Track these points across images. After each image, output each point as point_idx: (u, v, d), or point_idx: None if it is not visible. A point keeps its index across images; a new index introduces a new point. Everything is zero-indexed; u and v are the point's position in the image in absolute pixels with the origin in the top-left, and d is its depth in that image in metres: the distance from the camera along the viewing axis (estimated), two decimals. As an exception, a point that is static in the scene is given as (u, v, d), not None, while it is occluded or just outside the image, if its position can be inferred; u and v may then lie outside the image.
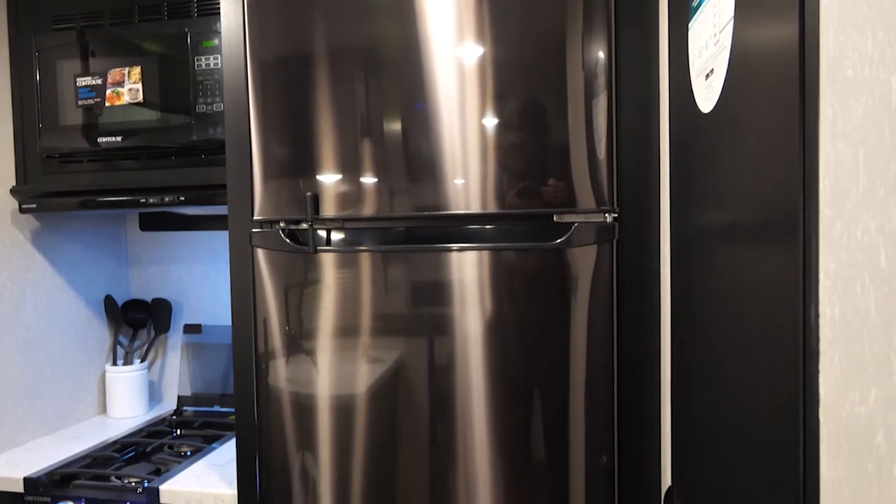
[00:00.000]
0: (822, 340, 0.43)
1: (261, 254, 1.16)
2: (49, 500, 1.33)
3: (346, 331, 1.14)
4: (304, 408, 1.18)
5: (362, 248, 1.11)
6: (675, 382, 0.92)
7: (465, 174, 1.07)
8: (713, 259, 0.70)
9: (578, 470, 1.08)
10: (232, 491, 1.26)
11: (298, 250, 1.13)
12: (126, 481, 1.35)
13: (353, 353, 1.14)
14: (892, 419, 0.36)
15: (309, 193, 1.10)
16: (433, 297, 1.10)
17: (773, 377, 0.52)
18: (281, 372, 1.18)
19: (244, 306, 1.20)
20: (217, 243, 1.87)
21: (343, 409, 1.16)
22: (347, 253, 1.12)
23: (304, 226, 1.14)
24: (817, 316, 0.43)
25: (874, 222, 0.37)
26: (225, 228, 1.85)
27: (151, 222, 1.89)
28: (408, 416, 1.13)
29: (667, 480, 1.00)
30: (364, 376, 1.15)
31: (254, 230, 1.16)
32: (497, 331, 1.08)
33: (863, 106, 0.38)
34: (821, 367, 0.44)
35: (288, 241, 1.14)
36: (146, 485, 1.30)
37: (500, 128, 1.05)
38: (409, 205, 1.09)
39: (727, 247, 0.65)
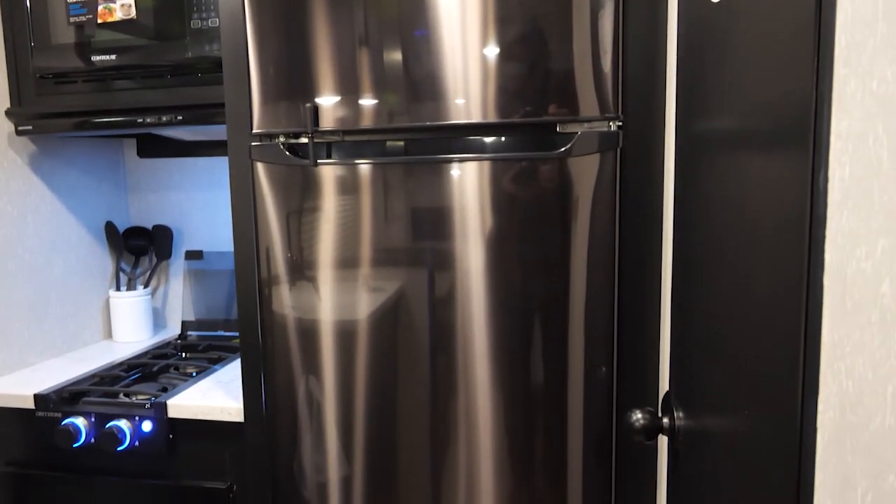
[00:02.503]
0: (830, 205, 0.43)
1: (261, 169, 1.15)
2: (59, 415, 1.36)
3: (349, 243, 1.14)
4: (308, 332, 1.19)
5: (363, 160, 1.10)
6: (675, 289, 0.92)
7: (466, 83, 1.04)
8: (720, 160, 0.69)
9: (577, 382, 1.10)
10: (238, 405, 1.28)
11: (298, 163, 1.12)
12: (134, 398, 1.38)
13: (355, 269, 1.15)
14: (899, 268, 0.36)
15: (308, 104, 1.08)
16: (434, 213, 1.10)
17: (778, 259, 0.51)
18: (284, 295, 1.19)
19: (245, 225, 1.20)
20: (216, 170, 1.85)
21: (346, 335, 1.17)
22: (348, 166, 1.11)
23: (304, 139, 1.13)
24: (826, 180, 0.43)
25: (891, 68, 0.36)
26: (224, 154, 1.83)
27: (149, 148, 1.87)
28: (409, 330, 1.14)
29: (664, 387, 1.01)
30: (368, 284, 1.15)
31: (253, 144, 1.14)
32: (498, 245, 1.08)
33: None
34: (827, 232, 0.43)
35: (288, 153, 1.13)
36: (154, 400, 1.33)
37: (503, 35, 1.02)
38: (409, 115, 1.07)
39: (735, 142, 0.64)
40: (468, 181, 1.07)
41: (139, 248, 1.87)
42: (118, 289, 1.81)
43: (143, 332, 1.81)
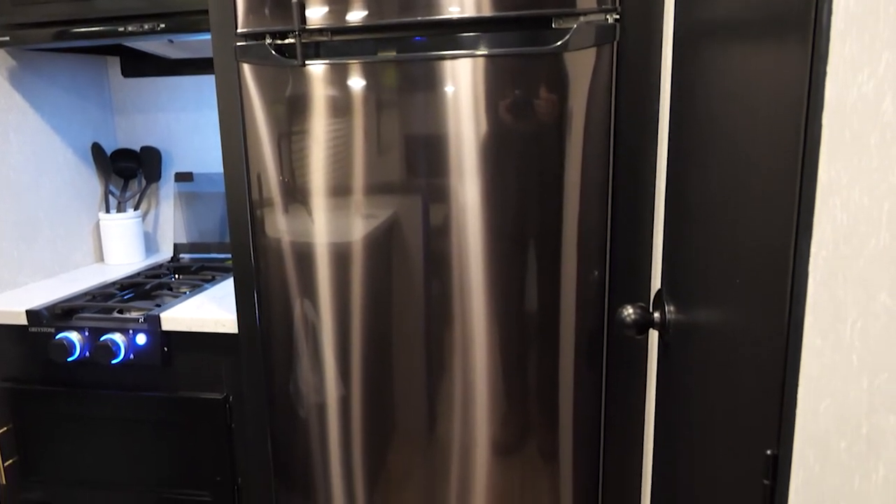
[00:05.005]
0: (833, 37, 0.41)
1: (248, 73, 1.12)
2: (52, 330, 1.36)
3: (340, 151, 1.12)
4: (302, 255, 1.18)
5: (352, 59, 1.07)
6: (671, 184, 0.91)
7: (459, -22, 1.00)
8: (719, 46, 0.67)
9: (570, 286, 1.10)
10: (231, 316, 1.29)
11: (286, 64, 1.09)
12: (128, 313, 1.38)
13: (349, 180, 1.13)
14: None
15: (295, 0, 1.04)
16: (427, 115, 1.07)
17: (774, 126, 0.50)
18: (277, 217, 1.17)
19: (234, 139, 1.17)
20: (204, 89, 1.81)
21: (340, 257, 1.16)
22: (338, 71, 1.08)
23: (292, 39, 1.09)
24: (830, 13, 0.41)
25: None
26: (210, 72, 1.78)
27: (133, 67, 1.82)
28: (405, 244, 1.14)
29: (657, 285, 1.01)
30: (362, 190, 1.14)
31: (239, 44, 1.11)
32: (493, 148, 1.06)
33: None
34: (829, 68, 0.42)
35: (274, 53, 1.09)
36: (147, 313, 1.33)
37: (497, -75, 0.98)
38: (399, 13, 1.03)
39: (735, 37, 0.61)
40: (462, 79, 1.04)
41: (128, 171, 1.84)
42: (108, 211, 1.79)
43: (135, 255, 1.80)
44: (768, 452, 0.50)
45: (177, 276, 1.69)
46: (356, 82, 1.09)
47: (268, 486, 1.32)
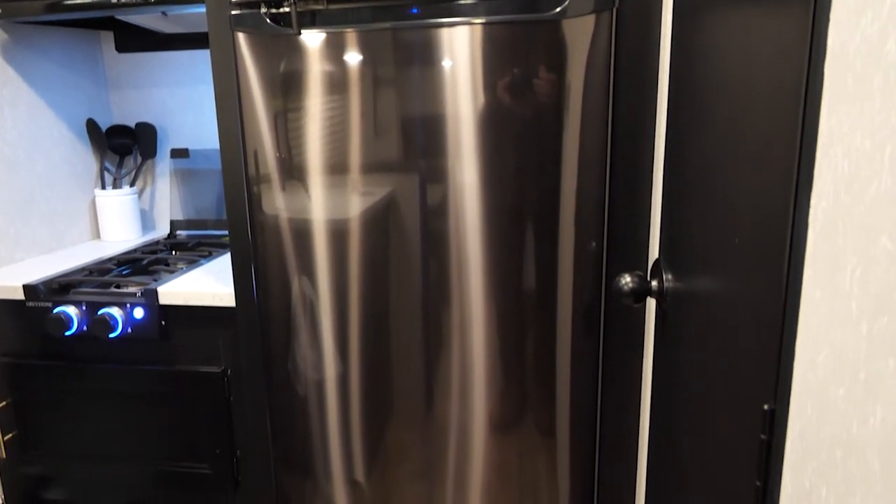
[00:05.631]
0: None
1: (243, 41, 1.11)
2: (49, 304, 1.36)
3: (338, 125, 1.11)
4: (300, 232, 1.17)
5: (348, 27, 1.06)
6: (669, 153, 0.91)
7: (457, -56, 0.99)
8: (720, 14, 0.66)
9: (567, 258, 1.10)
10: (229, 290, 1.28)
11: (281, 32, 1.08)
12: (125, 288, 1.37)
13: (345, 126, 1.12)
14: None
15: (289, -33, 1.03)
16: (424, 84, 1.06)
17: (775, 85, 0.50)
18: (274, 193, 1.16)
19: (229, 113, 1.16)
20: (199, 64, 1.79)
21: (338, 234, 1.16)
22: (332, 35, 1.07)
23: (287, 7, 1.08)
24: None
25: None
26: (205, 47, 1.76)
27: (127, 42, 1.80)
28: (401, 221, 1.13)
29: (654, 256, 1.01)
30: (359, 164, 1.13)
31: (233, 12, 1.09)
32: (491, 119, 1.05)
33: None
34: (832, 14, 0.41)
35: (269, 21, 1.08)
36: (145, 288, 1.33)
37: None
38: (396, -20, 1.02)
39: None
40: (458, 49, 1.03)
41: (123, 147, 1.82)
42: (103, 188, 1.78)
43: (132, 232, 1.80)
44: (766, 407, 0.50)
45: (174, 252, 1.68)
46: (352, 55, 1.08)
47: (266, 458, 1.33)
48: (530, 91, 1.03)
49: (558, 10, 0.97)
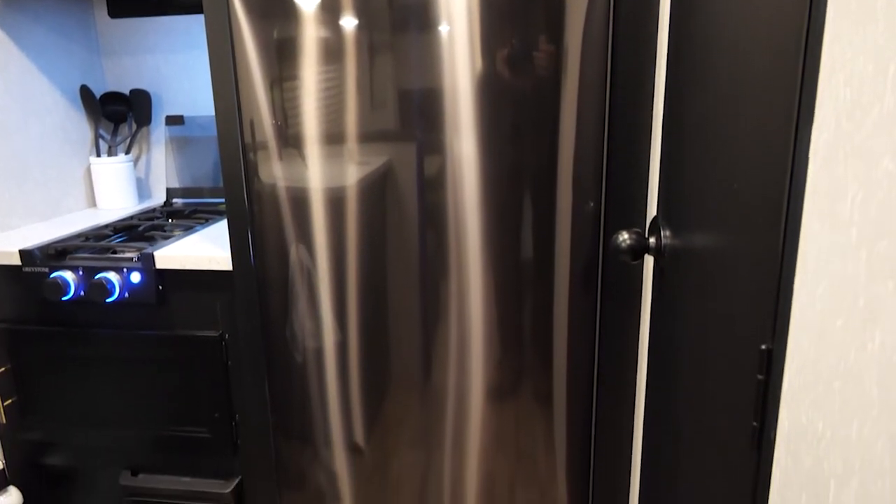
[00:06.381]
0: None
1: (237, 4, 1.09)
2: (46, 270, 1.36)
3: (333, 92, 1.10)
4: (297, 200, 1.17)
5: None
6: (668, 107, 0.90)
7: None
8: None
9: (565, 217, 1.10)
10: (225, 253, 1.28)
11: (276, -11, 1.06)
12: (122, 253, 1.37)
13: (340, 69, 1.11)
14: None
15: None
16: (421, 49, 1.05)
17: (776, 21, 0.49)
18: (271, 160, 1.15)
19: (224, 77, 1.14)
20: (193, 30, 1.77)
21: (335, 202, 1.15)
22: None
23: (281, -37, 1.06)
24: None
25: None
26: (199, 12, 1.74)
27: (120, 7, 1.77)
28: (398, 183, 1.12)
29: (652, 215, 1.01)
30: (356, 115, 1.12)
31: (226, -31, 1.07)
32: (488, 85, 1.04)
33: None
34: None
35: (264, -22, 1.06)
36: (142, 252, 1.32)
37: None
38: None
39: None
40: (456, 19, 1.02)
41: (117, 114, 1.81)
42: (98, 155, 1.77)
43: (128, 200, 1.79)
44: (763, 347, 0.50)
45: (170, 220, 1.67)
46: (348, 20, 1.06)
47: (265, 422, 1.34)
48: (528, 53, 1.02)
49: (557, -37, 0.95)
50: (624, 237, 0.89)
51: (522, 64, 1.03)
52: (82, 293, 1.35)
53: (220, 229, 1.50)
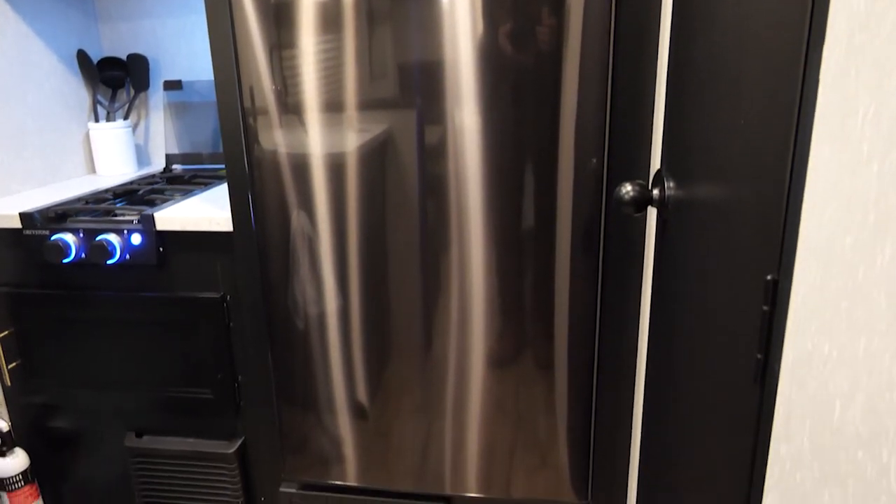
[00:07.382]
0: None
1: (233, -47, 1.07)
2: (47, 233, 1.35)
3: (332, 55, 1.09)
4: (297, 167, 1.15)
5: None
6: (672, 62, 0.88)
7: None
8: None
9: (567, 175, 1.09)
10: (226, 214, 1.27)
11: (274, -60, 1.04)
12: (122, 216, 1.36)
13: (339, 35, 1.10)
14: None
15: None
16: (421, 15, 1.03)
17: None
18: (271, 125, 1.14)
19: (222, 38, 1.13)
20: (190, -8, 1.74)
21: (335, 167, 1.14)
22: (327, -53, 1.03)
23: (279, -86, 1.04)
24: None
25: None
26: (196, -27, 1.71)
27: (116, -31, 1.75)
28: (398, 158, 1.11)
29: (655, 167, 1.00)
30: (355, 84, 1.11)
31: (223, -80, 1.05)
32: (489, 48, 1.03)
33: None
34: None
35: (261, -72, 1.04)
36: (142, 214, 1.31)
37: None
38: None
39: None
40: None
41: (115, 80, 1.79)
42: (97, 121, 1.75)
43: (127, 166, 1.78)
44: (768, 278, 0.49)
45: (170, 185, 1.66)
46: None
47: (268, 383, 1.34)
48: (529, 13, 1.00)
49: None
50: (627, 189, 0.88)
51: (524, 30, 1.02)
52: (83, 255, 1.35)
53: (220, 192, 1.49)
